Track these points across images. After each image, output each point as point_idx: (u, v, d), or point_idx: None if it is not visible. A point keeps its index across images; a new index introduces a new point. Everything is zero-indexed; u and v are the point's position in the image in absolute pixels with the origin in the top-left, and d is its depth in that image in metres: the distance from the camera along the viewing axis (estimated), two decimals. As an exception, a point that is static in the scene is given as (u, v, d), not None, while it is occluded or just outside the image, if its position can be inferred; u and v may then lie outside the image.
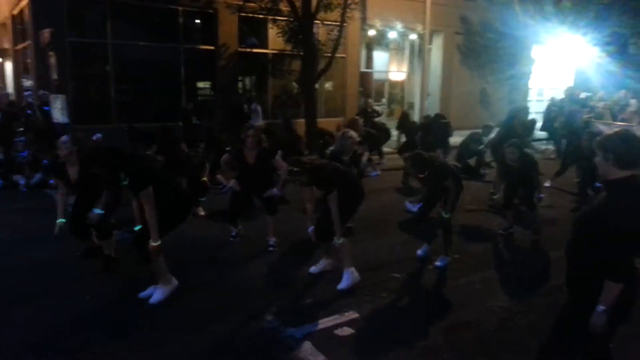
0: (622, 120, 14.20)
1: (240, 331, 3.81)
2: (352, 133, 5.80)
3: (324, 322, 3.93)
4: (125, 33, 12.57)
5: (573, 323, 2.45)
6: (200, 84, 14.64)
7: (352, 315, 4.05)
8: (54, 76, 9.83)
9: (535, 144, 13.80)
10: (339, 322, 3.93)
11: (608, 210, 2.30)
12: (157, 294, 4.20)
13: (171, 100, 13.21)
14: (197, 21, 14.14)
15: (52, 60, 9.79)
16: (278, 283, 4.73)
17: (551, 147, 13.25)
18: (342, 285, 4.50)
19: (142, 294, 4.25)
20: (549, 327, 3.31)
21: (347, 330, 3.81)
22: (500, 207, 6.52)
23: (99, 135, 8.01)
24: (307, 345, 3.59)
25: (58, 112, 9.18)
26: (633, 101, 15.24)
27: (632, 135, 2.37)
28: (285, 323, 3.91)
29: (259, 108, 13.19)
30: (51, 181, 8.67)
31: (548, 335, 2.67)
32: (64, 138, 5.08)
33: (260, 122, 12.62)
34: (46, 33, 10.11)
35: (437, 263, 5.10)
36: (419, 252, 5.33)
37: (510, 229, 6.21)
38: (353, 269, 4.57)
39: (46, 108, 9.32)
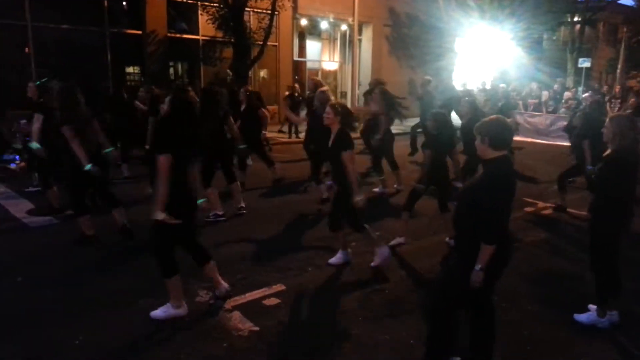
0: (533, 110, 15.49)
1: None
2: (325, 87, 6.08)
3: (253, 295, 4.21)
4: (45, 15, 12.04)
5: (458, 279, 2.89)
6: (129, 69, 14.29)
7: (279, 287, 4.36)
8: (-32, 59, 9.28)
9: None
10: (267, 294, 4.23)
11: (481, 184, 2.77)
12: (160, 311, 3.82)
13: (97, 86, 12.80)
14: (124, 4, 13.76)
15: (-35, 41, 9.23)
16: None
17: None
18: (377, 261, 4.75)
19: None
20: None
21: (274, 301, 4.12)
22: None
23: (24, 120, 7.74)
24: (236, 315, 3.86)
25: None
26: (545, 92, 16.59)
27: (503, 121, 2.86)
28: (216, 297, 4.15)
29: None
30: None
31: (437, 290, 3.12)
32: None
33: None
34: (-43, 12, 9.52)
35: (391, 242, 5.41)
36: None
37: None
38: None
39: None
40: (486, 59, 21.88)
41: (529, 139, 13.91)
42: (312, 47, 18.80)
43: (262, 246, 5.42)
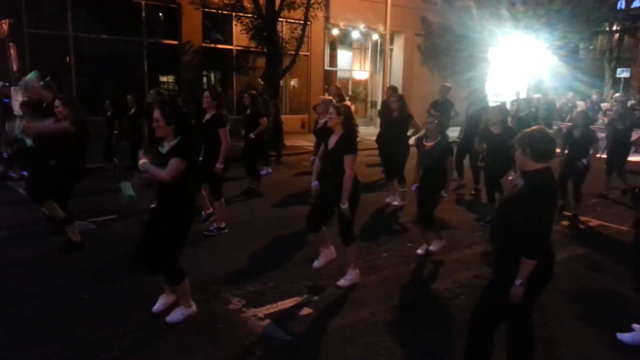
0: (569, 121, 15.09)
1: (203, 313, 4.02)
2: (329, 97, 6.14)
3: (285, 303, 4.22)
4: (86, 25, 12.47)
5: (497, 295, 2.82)
6: (164, 79, 14.63)
7: (312, 297, 4.35)
8: (14, 68, 9.69)
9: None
10: (299, 303, 4.22)
11: (523, 197, 2.70)
12: (176, 314, 3.87)
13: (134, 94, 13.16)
14: (160, 15, 14.13)
15: (12, 51, 9.65)
16: (242, 268, 4.97)
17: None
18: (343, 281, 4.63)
19: (156, 308, 3.97)
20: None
21: (306, 310, 4.11)
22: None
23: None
24: (268, 323, 3.87)
25: (19, 104, 9.06)
26: (581, 103, 16.19)
27: (545, 132, 2.79)
28: (248, 304, 4.17)
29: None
30: (11, 174, 8.61)
31: (476, 305, 3.05)
32: None
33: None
34: (4, 24, 9.96)
35: (419, 251, 5.39)
36: (419, 251, 5.43)
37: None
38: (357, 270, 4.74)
39: (6, 100, 9.18)
40: (520, 69, 21.51)
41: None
42: (343, 56, 18.87)
43: (292, 254, 5.41)
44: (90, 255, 5.19)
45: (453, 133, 10.49)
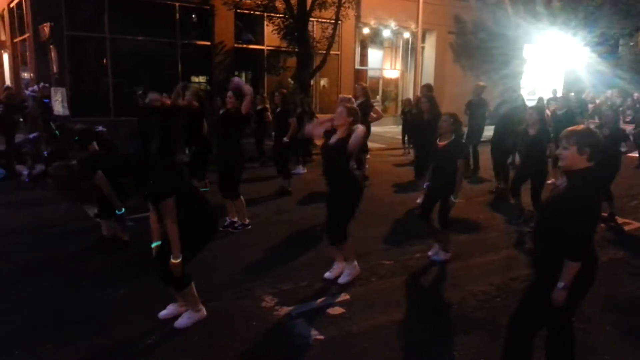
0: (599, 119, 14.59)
1: (236, 310, 4.06)
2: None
3: (317, 303, 4.21)
4: (122, 27, 12.78)
5: (538, 299, 2.73)
6: (197, 79, 14.85)
7: (344, 296, 4.33)
8: (54, 69, 10.01)
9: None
10: (331, 302, 4.21)
11: (569, 197, 2.60)
12: (184, 318, 3.81)
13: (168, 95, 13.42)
14: (194, 17, 14.34)
15: (53, 54, 9.97)
16: (272, 266, 4.99)
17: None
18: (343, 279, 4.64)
19: (162, 314, 3.91)
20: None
21: (338, 310, 4.09)
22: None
23: (101, 127, 8.19)
24: (301, 323, 3.87)
25: (59, 104, 9.38)
26: (600, 99, 15.67)
27: (596, 131, 2.71)
28: (281, 303, 4.18)
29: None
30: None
31: (517, 308, 2.96)
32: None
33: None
34: (46, 27, 10.30)
35: (434, 257, 5.23)
36: (430, 253, 5.32)
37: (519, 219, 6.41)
38: (355, 262, 4.75)
39: (46, 101, 9.50)
40: (557, 66, 20.94)
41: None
42: (374, 55, 18.75)
43: (324, 253, 5.39)
44: (127, 251, 5.32)
45: (488, 132, 10.34)
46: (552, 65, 21.07)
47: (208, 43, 14.08)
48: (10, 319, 3.90)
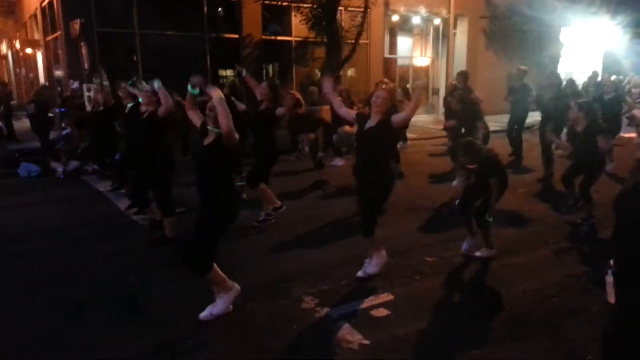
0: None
1: (275, 311, 3.90)
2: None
3: (360, 304, 4.01)
4: (151, 22, 12.74)
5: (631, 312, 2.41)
6: (224, 73, 14.75)
7: (387, 297, 4.12)
8: (86, 66, 10.03)
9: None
10: (375, 304, 4.00)
11: None
12: (219, 303, 3.75)
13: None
14: (221, 10, 14.22)
15: (84, 50, 10.00)
16: (311, 265, 4.80)
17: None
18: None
19: (203, 315, 3.75)
20: (581, 309, 3.36)
21: (383, 311, 3.87)
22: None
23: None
24: (344, 326, 3.67)
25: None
26: (613, 77, 14.84)
27: None
28: (321, 304, 4.00)
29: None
30: (87, 168, 8.93)
31: (608, 326, 2.67)
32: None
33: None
34: (76, 24, 10.34)
35: (477, 253, 4.94)
36: (464, 245, 5.06)
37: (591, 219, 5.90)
38: (383, 251, 4.57)
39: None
40: (595, 49, 20.07)
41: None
42: (403, 43, 18.30)
43: (361, 249, 5.16)
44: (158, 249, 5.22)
45: (532, 119, 9.92)
46: (590, 48, 20.20)
47: (236, 36, 13.94)
48: (62, 315, 3.84)
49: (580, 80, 14.86)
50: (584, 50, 20.27)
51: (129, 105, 5.94)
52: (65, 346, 3.47)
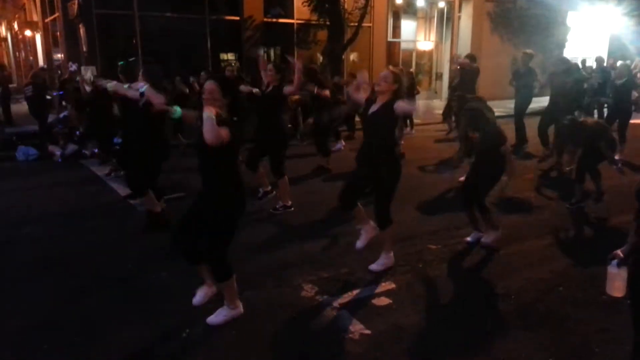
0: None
1: (275, 299, 3.82)
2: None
3: (361, 292, 3.92)
4: (151, 4, 12.53)
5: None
6: (225, 56, 14.55)
7: (389, 285, 4.03)
8: (84, 48, 9.86)
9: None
10: (376, 292, 3.91)
11: None
12: (219, 316, 3.50)
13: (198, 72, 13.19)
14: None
15: (82, 32, 9.81)
16: (310, 251, 4.71)
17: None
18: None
19: (196, 301, 3.66)
20: (588, 299, 3.29)
21: (384, 300, 3.79)
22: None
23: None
24: (345, 314, 3.59)
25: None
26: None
27: None
28: (322, 292, 3.91)
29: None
30: (85, 152, 8.82)
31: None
32: None
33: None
34: (74, 4, 10.15)
35: (483, 239, 4.79)
36: (469, 238, 4.93)
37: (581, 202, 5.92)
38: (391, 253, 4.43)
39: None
40: (602, 34, 19.75)
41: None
42: (407, 26, 18.00)
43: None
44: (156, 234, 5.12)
45: (537, 104, 9.76)
46: (597, 33, 19.89)
47: (237, 18, 13.72)
48: (60, 303, 3.76)
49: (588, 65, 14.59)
50: (590, 34, 19.96)
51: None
52: (62, 332, 3.39)
